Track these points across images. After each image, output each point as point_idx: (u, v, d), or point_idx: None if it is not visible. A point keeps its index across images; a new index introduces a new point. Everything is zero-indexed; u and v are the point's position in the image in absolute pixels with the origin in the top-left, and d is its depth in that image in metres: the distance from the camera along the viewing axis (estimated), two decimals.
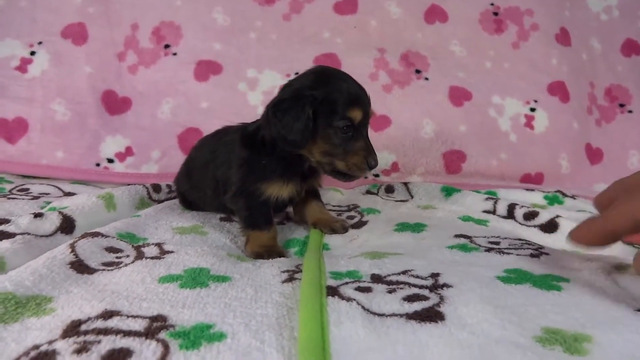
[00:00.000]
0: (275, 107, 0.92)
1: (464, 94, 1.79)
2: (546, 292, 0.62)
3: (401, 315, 0.54)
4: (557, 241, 1.00)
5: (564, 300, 0.59)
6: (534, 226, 1.10)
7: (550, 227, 1.07)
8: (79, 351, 0.46)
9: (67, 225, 0.92)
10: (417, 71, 1.81)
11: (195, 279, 0.67)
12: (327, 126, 0.92)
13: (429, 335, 0.49)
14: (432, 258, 0.79)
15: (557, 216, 1.10)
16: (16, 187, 1.38)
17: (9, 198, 1.24)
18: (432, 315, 0.53)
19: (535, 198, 1.47)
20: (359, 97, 0.95)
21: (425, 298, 0.59)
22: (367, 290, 0.63)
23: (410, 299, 0.59)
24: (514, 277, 0.67)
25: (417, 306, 0.56)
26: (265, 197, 0.97)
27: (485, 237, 0.95)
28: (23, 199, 1.23)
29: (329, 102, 0.91)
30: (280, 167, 0.98)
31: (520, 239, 0.94)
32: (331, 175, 0.99)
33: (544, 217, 1.11)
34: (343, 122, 0.92)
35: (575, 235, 0.63)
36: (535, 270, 0.71)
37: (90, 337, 0.48)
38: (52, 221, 0.91)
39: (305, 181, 1.04)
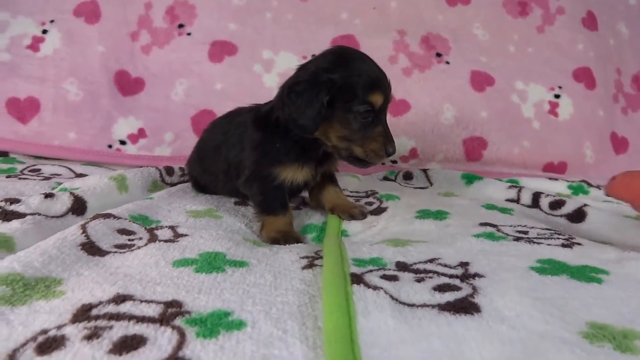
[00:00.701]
0: (290, 89, 0.88)
1: (486, 79, 1.73)
2: (586, 284, 0.58)
3: (433, 306, 0.50)
4: (584, 231, 0.96)
5: (607, 294, 0.55)
6: (561, 216, 1.06)
7: (578, 216, 1.02)
8: (89, 337, 0.43)
9: (78, 206, 0.90)
10: (438, 55, 1.76)
11: (211, 263, 0.63)
12: (346, 110, 0.88)
13: (466, 328, 0.45)
14: (459, 247, 0.75)
15: (585, 205, 1.05)
16: (27, 167, 1.36)
17: (20, 178, 1.22)
18: (466, 307, 0.49)
19: (559, 187, 1.41)
20: (380, 81, 0.91)
21: (457, 288, 0.55)
22: (393, 278, 0.59)
23: (441, 288, 0.55)
24: (549, 267, 0.64)
25: (450, 297, 0.53)
26: (279, 181, 0.94)
27: (511, 225, 0.91)
28: (34, 179, 1.21)
29: (348, 86, 0.87)
30: (295, 150, 0.94)
31: (548, 229, 0.90)
32: (347, 161, 0.95)
33: (570, 206, 1.07)
34: (363, 107, 0.87)
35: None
36: (570, 260, 0.67)
37: (101, 323, 0.45)
38: (63, 202, 0.88)
39: (321, 165, 1.01)
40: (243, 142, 1.01)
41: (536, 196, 1.16)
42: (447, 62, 1.75)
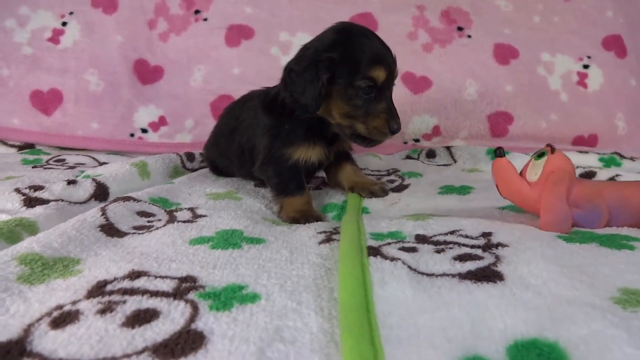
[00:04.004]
0: (290, 69, 0.89)
1: (510, 52, 1.67)
2: (617, 251, 0.55)
3: (453, 275, 0.48)
4: None
5: (639, 260, 0.52)
6: None
7: None
8: (103, 311, 0.43)
9: (100, 192, 0.91)
10: (459, 28, 1.70)
11: (228, 240, 0.63)
12: (347, 87, 0.87)
13: (488, 295, 0.43)
14: (482, 218, 0.73)
15: (617, 175, 1.01)
16: (53, 157, 1.39)
17: (45, 168, 1.25)
18: (489, 275, 0.47)
19: (589, 160, 1.36)
20: (382, 56, 0.89)
21: (479, 257, 0.53)
22: (412, 250, 0.57)
23: (461, 258, 0.53)
24: (577, 236, 0.61)
25: (471, 266, 0.51)
26: (293, 161, 0.93)
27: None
28: (59, 168, 1.23)
29: (349, 62, 0.86)
30: (305, 130, 0.94)
31: None
32: (351, 140, 0.94)
33: (602, 176, 1.03)
34: (365, 82, 0.86)
35: None
36: (600, 230, 0.65)
37: (115, 297, 0.45)
38: (86, 188, 0.89)
39: (333, 144, 0.99)
40: (254, 126, 1.01)
41: None
42: (469, 36, 1.69)
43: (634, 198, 0.67)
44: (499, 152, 0.73)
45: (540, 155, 0.72)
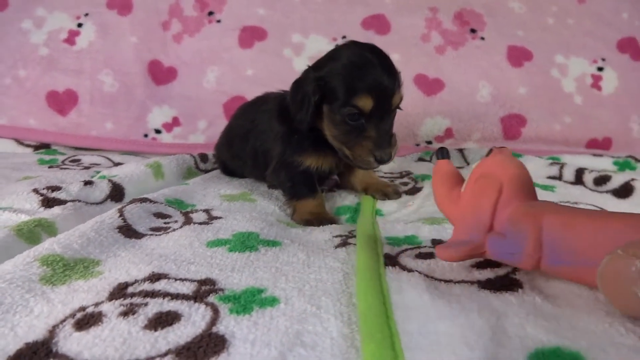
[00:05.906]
0: (293, 84, 0.92)
1: (523, 54, 1.66)
2: None
3: (472, 283, 0.48)
4: (633, 206, 0.91)
5: None
6: (606, 192, 1.01)
7: (625, 191, 0.97)
8: (125, 313, 0.43)
9: (116, 192, 0.92)
10: (472, 30, 1.70)
11: (244, 242, 0.63)
12: (335, 112, 0.86)
13: (507, 304, 0.43)
14: None
15: (632, 179, 1.00)
16: (68, 158, 1.40)
17: (61, 168, 1.26)
18: (507, 284, 0.47)
19: (603, 164, 1.35)
20: (372, 84, 0.83)
21: (498, 265, 0.53)
22: (428, 256, 0.57)
23: (479, 265, 0.53)
24: None
25: (490, 274, 0.51)
26: (304, 167, 0.94)
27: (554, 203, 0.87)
28: (74, 169, 1.25)
29: (338, 86, 0.84)
30: (314, 140, 0.94)
31: (593, 205, 0.86)
32: (345, 159, 0.92)
33: (616, 181, 1.01)
34: (348, 110, 0.84)
35: None
36: None
37: (137, 300, 0.46)
38: (102, 189, 0.90)
39: None
40: (268, 131, 1.02)
41: (580, 172, 1.11)
42: (482, 38, 1.69)
43: (582, 232, 0.41)
44: (439, 154, 0.58)
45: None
